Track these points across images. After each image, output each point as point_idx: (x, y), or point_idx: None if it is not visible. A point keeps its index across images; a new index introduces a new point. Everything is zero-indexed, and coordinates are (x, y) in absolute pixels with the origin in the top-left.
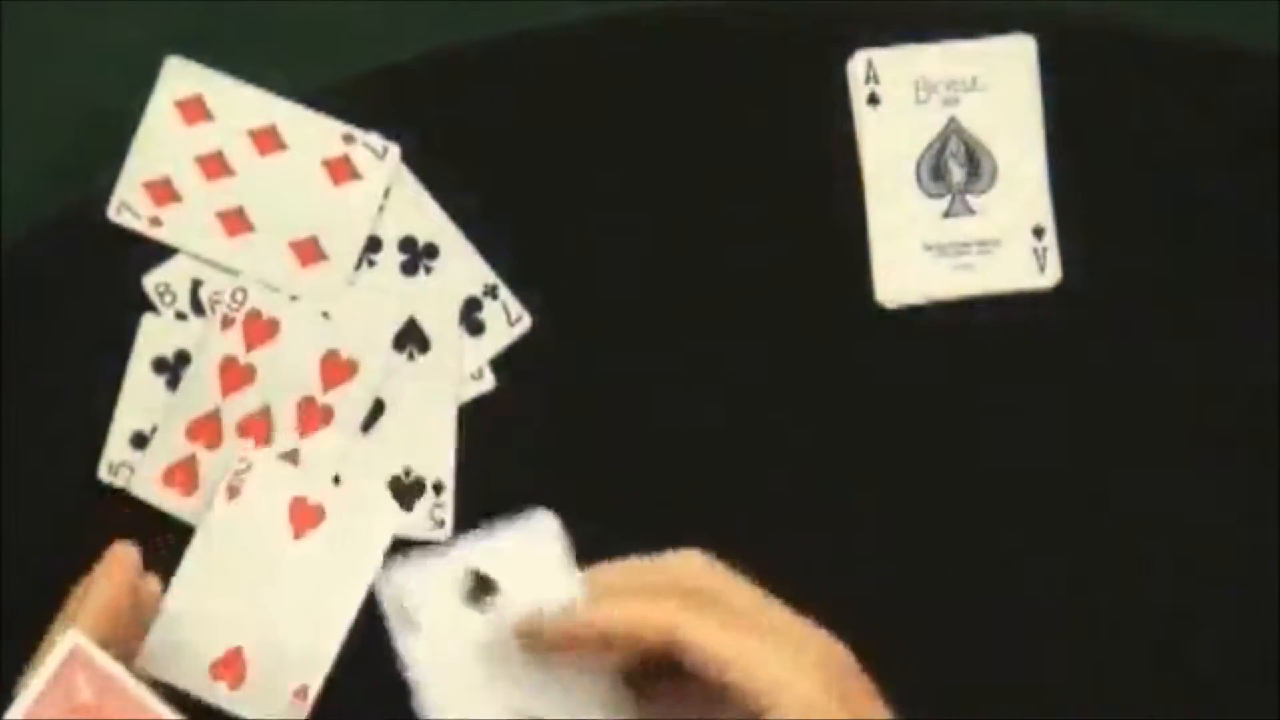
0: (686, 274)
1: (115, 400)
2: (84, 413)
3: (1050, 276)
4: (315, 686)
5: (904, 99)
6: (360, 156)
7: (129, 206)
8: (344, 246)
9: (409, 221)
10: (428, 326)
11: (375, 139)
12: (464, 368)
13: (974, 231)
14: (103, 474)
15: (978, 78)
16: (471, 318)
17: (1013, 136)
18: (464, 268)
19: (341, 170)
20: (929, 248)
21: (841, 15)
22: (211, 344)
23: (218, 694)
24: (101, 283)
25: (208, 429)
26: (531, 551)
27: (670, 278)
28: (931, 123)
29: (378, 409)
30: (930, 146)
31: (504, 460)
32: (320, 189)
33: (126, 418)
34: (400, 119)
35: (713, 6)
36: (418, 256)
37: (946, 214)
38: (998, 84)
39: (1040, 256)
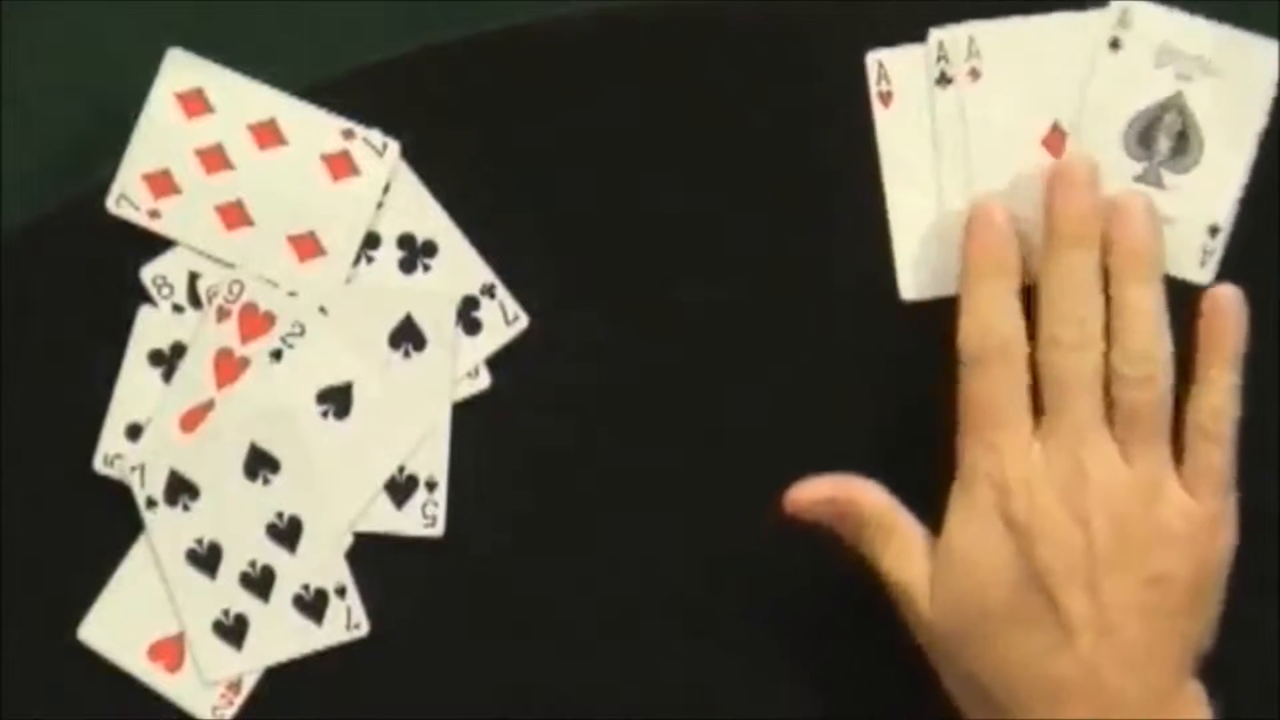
0: (685, 272)
1: (112, 392)
2: (80, 404)
3: None
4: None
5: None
6: (360, 152)
7: (128, 198)
8: (342, 242)
9: (408, 219)
10: (424, 324)
11: (375, 135)
12: (459, 366)
13: None
14: (98, 466)
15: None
16: (469, 316)
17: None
18: (462, 266)
19: (341, 166)
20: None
21: (848, 12)
22: (206, 336)
23: (154, 677)
24: (99, 275)
25: (200, 421)
26: None
27: (671, 277)
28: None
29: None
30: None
31: (499, 459)
32: (319, 184)
33: (122, 410)
34: (400, 115)
35: (711, 4)
36: (416, 254)
37: None
38: None
39: None
